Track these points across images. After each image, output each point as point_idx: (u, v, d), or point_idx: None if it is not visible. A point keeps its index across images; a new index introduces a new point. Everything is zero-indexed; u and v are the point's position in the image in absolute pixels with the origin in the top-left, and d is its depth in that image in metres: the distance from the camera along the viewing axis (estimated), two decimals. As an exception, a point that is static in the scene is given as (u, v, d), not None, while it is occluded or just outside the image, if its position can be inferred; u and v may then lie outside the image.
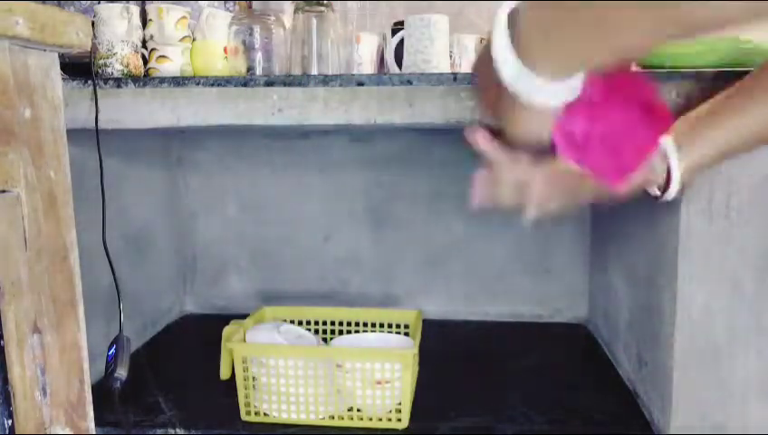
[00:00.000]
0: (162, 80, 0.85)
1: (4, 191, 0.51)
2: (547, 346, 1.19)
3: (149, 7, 0.95)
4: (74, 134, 0.64)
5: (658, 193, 0.71)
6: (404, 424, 0.87)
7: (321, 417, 0.89)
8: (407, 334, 1.04)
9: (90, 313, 0.64)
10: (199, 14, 0.98)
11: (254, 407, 0.90)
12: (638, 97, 0.52)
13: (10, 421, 0.53)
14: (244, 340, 0.93)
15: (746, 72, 0.70)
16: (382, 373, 0.86)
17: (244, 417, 0.89)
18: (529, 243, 1.31)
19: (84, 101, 0.85)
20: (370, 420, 0.88)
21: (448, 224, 1.32)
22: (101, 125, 0.85)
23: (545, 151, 0.55)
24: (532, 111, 0.47)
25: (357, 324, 1.08)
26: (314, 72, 0.93)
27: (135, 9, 0.93)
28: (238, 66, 0.92)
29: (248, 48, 0.92)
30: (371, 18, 1.12)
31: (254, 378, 0.89)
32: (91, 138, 0.85)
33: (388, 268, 1.35)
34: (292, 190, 1.35)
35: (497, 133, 0.60)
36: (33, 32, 0.52)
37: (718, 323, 0.78)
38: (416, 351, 0.89)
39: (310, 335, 1.00)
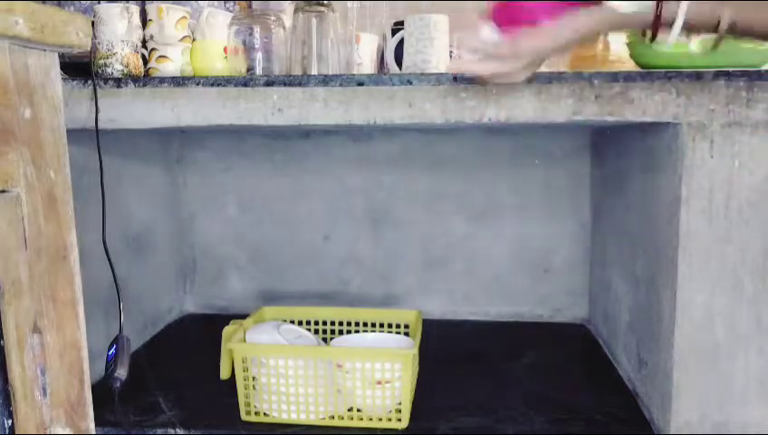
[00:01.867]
0: (162, 80, 0.85)
1: (4, 191, 0.51)
2: (547, 346, 1.19)
3: (149, 7, 0.95)
4: (74, 134, 0.64)
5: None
6: (404, 424, 0.87)
7: (321, 417, 0.89)
8: (407, 334, 1.04)
9: (90, 313, 0.64)
10: (199, 14, 0.98)
11: (254, 407, 0.90)
12: None
13: (10, 421, 0.53)
14: (244, 340, 0.93)
15: (746, 72, 0.70)
16: (382, 373, 0.86)
17: (244, 417, 0.90)
18: (529, 243, 1.31)
19: (84, 101, 0.85)
20: (370, 420, 0.88)
21: (448, 224, 1.32)
22: (101, 125, 0.85)
23: None
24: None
25: (357, 324, 1.08)
26: (314, 72, 0.93)
27: (135, 9, 0.93)
28: (238, 66, 0.92)
29: (248, 48, 0.92)
30: (371, 18, 1.12)
31: (253, 378, 0.89)
32: (90, 138, 0.85)
33: (388, 268, 1.35)
34: (292, 190, 1.35)
35: None
36: (33, 32, 0.52)
37: (718, 323, 0.78)
38: (416, 351, 0.89)
39: (310, 335, 1.00)
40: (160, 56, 0.94)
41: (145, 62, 0.95)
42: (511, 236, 1.31)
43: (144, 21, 0.96)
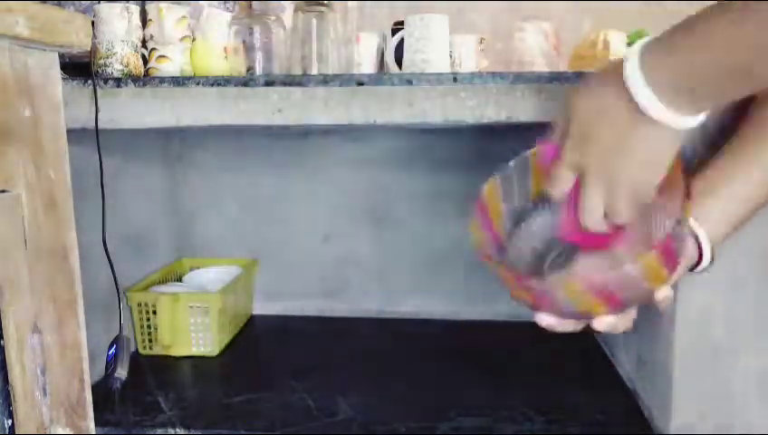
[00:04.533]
0: (162, 80, 0.85)
1: (4, 191, 0.52)
2: (547, 346, 1.18)
3: (149, 7, 0.95)
4: (74, 134, 0.64)
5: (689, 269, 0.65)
6: (215, 352, 1.12)
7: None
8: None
9: (90, 313, 0.64)
10: (199, 14, 0.98)
11: (149, 343, 1.13)
12: None
13: (10, 421, 0.53)
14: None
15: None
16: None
17: (141, 351, 1.13)
18: (529, 243, 1.31)
19: (84, 100, 0.85)
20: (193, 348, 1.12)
21: (448, 224, 1.32)
22: (101, 125, 0.85)
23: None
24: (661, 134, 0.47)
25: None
26: (314, 72, 0.93)
27: (135, 9, 0.93)
28: (238, 66, 0.92)
29: (248, 48, 0.92)
30: (371, 18, 1.12)
31: (148, 318, 1.11)
32: (91, 137, 0.85)
33: (388, 268, 1.35)
34: (292, 190, 1.35)
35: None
36: (33, 32, 0.52)
37: (718, 323, 0.78)
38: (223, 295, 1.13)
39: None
40: (160, 56, 0.94)
41: (145, 62, 0.95)
42: (511, 236, 1.31)
43: (144, 21, 0.96)
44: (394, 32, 0.99)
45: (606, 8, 1.19)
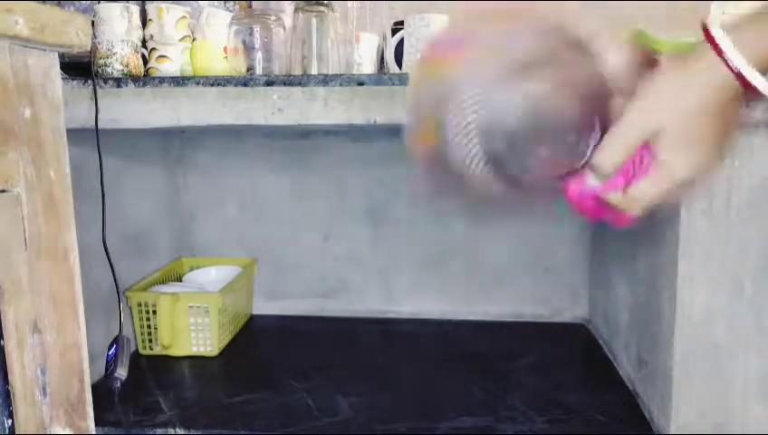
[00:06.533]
0: (162, 80, 0.85)
1: (4, 191, 0.52)
2: (547, 346, 1.19)
3: (149, 7, 0.95)
4: (74, 134, 0.64)
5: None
6: (215, 352, 1.13)
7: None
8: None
9: (90, 313, 0.64)
10: (199, 14, 0.98)
11: (149, 343, 1.12)
12: None
13: (10, 421, 0.53)
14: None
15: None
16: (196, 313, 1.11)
17: (141, 351, 1.13)
18: (529, 243, 1.31)
19: (84, 100, 0.85)
20: (191, 348, 1.12)
21: (448, 224, 1.32)
22: (101, 125, 0.85)
23: None
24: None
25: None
26: (314, 72, 0.93)
27: (135, 9, 0.93)
28: (238, 66, 0.92)
29: (248, 48, 0.92)
30: (371, 18, 1.12)
31: (148, 318, 1.11)
32: (91, 137, 0.85)
33: (387, 268, 1.35)
34: (293, 190, 1.35)
35: None
36: (33, 32, 0.52)
37: (718, 323, 0.79)
38: (223, 294, 1.14)
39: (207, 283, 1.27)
40: (160, 56, 0.94)
41: (145, 61, 0.95)
42: (511, 235, 1.31)
43: (144, 21, 0.96)
44: (394, 32, 0.99)
45: (606, 8, 1.19)
